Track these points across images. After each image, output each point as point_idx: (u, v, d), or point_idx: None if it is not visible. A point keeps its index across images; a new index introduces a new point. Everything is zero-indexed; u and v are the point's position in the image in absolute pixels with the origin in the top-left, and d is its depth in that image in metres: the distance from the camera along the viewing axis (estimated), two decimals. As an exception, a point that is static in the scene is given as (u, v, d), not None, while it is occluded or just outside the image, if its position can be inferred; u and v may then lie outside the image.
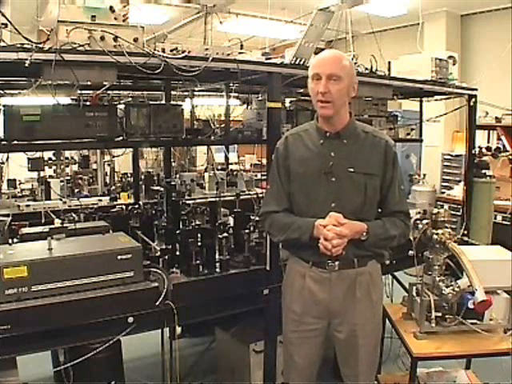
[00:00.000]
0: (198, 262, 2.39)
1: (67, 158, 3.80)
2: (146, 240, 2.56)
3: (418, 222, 2.58)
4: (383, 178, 1.97)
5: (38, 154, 2.96)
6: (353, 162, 1.93)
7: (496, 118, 5.87)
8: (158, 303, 2.14)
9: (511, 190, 5.11)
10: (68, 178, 4.06)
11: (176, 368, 2.47)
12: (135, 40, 2.07)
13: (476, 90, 3.70)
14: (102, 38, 1.98)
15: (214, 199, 3.42)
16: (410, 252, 2.55)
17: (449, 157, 6.68)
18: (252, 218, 2.91)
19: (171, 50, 2.21)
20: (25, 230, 2.46)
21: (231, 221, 3.04)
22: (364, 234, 1.89)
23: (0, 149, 2.29)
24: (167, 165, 3.79)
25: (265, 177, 3.36)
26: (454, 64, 3.65)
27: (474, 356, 2.57)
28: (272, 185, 2.09)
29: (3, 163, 3.44)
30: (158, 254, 2.40)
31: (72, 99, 2.68)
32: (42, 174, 3.80)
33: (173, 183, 3.43)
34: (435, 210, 2.62)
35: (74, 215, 2.83)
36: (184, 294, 2.26)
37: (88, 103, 2.40)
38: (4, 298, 1.89)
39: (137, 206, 3.12)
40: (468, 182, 3.80)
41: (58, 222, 2.68)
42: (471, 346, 2.34)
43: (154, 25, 3.73)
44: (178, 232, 2.59)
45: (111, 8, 2.04)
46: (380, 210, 2.02)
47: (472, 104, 3.68)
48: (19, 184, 4.18)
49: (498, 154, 5.33)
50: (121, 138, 2.34)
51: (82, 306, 1.99)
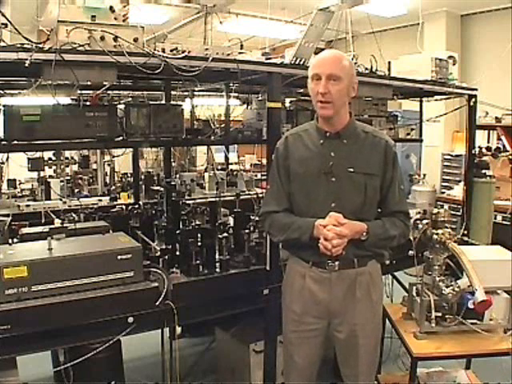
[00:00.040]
0: (198, 262, 2.39)
1: (67, 158, 3.80)
2: (146, 240, 2.56)
3: (418, 221, 2.58)
4: (383, 178, 1.97)
5: (38, 154, 2.96)
6: (353, 162, 1.93)
7: (496, 118, 5.87)
8: (158, 303, 2.14)
9: (511, 190, 5.11)
10: (68, 178, 4.06)
11: (176, 368, 2.47)
12: (135, 40, 2.07)
13: (476, 89, 3.71)
14: (102, 38, 1.98)
15: (214, 199, 3.42)
16: (410, 252, 2.55)
17: (449, 157, 6.68)
18: (252, 218, 2.91)
19: (171, 50, 2.21)
20: (25, 230, 2.46)
21: (231, 221, 3.03)
22: (364, 234, 1.89)
23: (0, 149, 2.29)
24: (167, 165, 3.79)
25: (265, 177, 3.36)
26: (454, 64, 3.65)
27: (473, 356, 2.57)
28: (272, 185, 2.09)
29: (3, 163, 3.44)
30: (158, 253, 2.40)
31: (72, 99, 2.68)
32: (42, 173, 3.80)
33: (173, 183, 3.43)
34: (435, 210, 2.62)
35: (74, 215, 2.83)
36: (184, 294, 2.26)
37: (88, 103, 2.40)
38: (4, 298, 1.88)
39: (137, 206, 3.12)
40: (468, 182, 3.80)
41: (58, 222, 2.67)
42: (471, 346, 2.34)
43: (153, 25, 3.73)
44: (178, 232, 2.59)
45: (111, 8, 2.04)
46: (380, 210, 2.02)
47: (472, 104, 3.68)
48: (19, 184, 4.18)
49: (498, 154, 5.33)
50: (121, 138, 2.34)
51: (82, 306, 1.99)
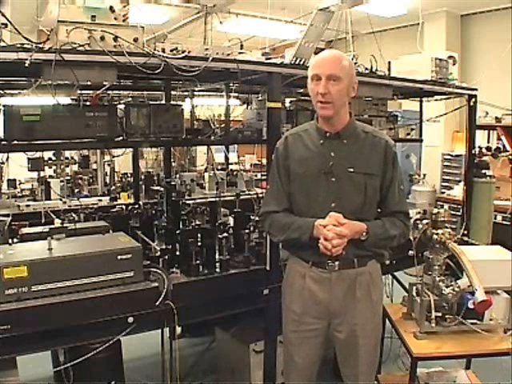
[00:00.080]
0: (198, 262, 2.39)
1: (67, 158, 3.80)
2: (146, 240, 2.56)
3: (418, 221, 2.58)
4: (383, 178, 1.97)
5: (38, 154, 2.96)
6: (353, 162, 1.93)
7: (496, 118, 5.87)
8: (158, 303, 2.14)
9: (511, 190, 5.11)
10: (68, 178, 4.06)
11: (176, 368, 2.47)
12: (135, 40, 2.07)
13: (476, 89, 3.71)
14: (102, 38, 1.98)
15: (214, 199, 3.41)
16: (410, 252, 2.54)
17: (449, 157, 6.68)
18: (252, 218, 2.91)
19: (171, 50, 2.21)
20: (25, 230, 2.46)
21: (231, 221, 3.03)
22: (364, 234, 1.89)
23: (0, 149, 2.29)
24: (167, 165, 3.78)
25: (265, 177, 3.36)
26: (454, 64, 3.65)
27: (473, 356, 2.57)
28: (272, 185, 2.09)
29: (3, 163, 3.44)
30: (158, 253, 2.40)
31: (72, 99, 2.68)
32: (42, 173, 3.80)
33: (173, 183, 3.43)
34: (435, 210, 2.62)
35: (74, 215, 2.83)
36: (184, 293, 2.26)
37: (88, 103, 2.40)
38: (4, 298, 1.88)
39: (137, 206, 3.11)
40: (468, 182, 3.80)
41: (58, 222, 2.68)
42: (471, 346, 2.34)
43: (154, 25, 3.73)
44: (178, 232, 2.59)
45: (111, 8, 2.04)
46: (380, 210, 2.02)
47: (472, 104, 3.68)
48: (19, 184, 4.18)
49: (498, 154, 5.33)
50: (121, 138, 2.34)
51: (82, 306, 1.99)
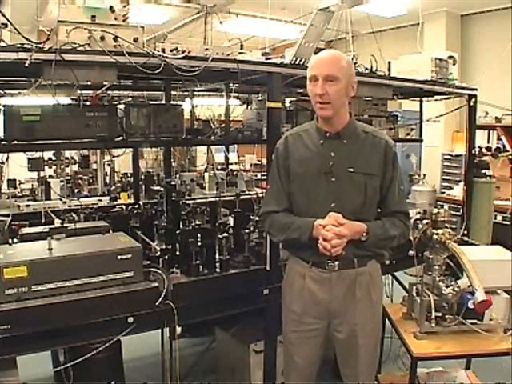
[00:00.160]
0: (198, 262, 2.39)
1: (67, 158, 3.80)
2: (146, 240, 2.56)
3: (418, 221, 2.58)
4: (383, 178, 1.96)
5: (38, 154, 2.96)
6: (353, 162, 1.93)
7: (496, 118, 5.87)
8: (158, 303, 2.14)
9: (511, 190, 5.11)
10: (68, 178, 4.05)
11: (176, 368, 2.47)
12: (135, 40, 2.07)
13: (476, 90, 3.71)
14: (102, 38, 1.98)
15: (214, 199, 3.41)
16: (410, 252, 2.55)
17: (449, 157, 6.68)
18: (252, 218, 2.91)
19: (171, 50, 2.21)
20: (25, 230, 2.46)
21: (231, 221, 3.03)
22: (364, 235, 1.89)
23: (0, 149, 2.29)
24: (167, 165, 3.78)
25: (265, 177, 3.36)
26: (454, 64, 3.65)
27: (473, 356, 2.57)
28: (272, 185, 2.09)
29: (3, 163, 3.44)
30: (158, 253, 2.40)
31: (72, 99, 2.68)
32: (42, 173, 3.80)
33: (173, 183, 3.43)
34: (435, 210, 2.62)
35: (74, 215, 2.83)
36: (184, 293, 2.26)
37: (88, 103, 2.40)
38: (4, 298, 1.88)
39: (137, 206, 3.11)
40: (468, 182, 3.80)
41: (58, 222, 2.67)
42: (471, 346, 2.34)
43: (154, 25, 3.73)
44: (178, 232, 2.59)
45: (111, 8, 2.04)
46: (380, 210, 2.02)
47: (472, 104, 3.68)
48: (19, 184, 4.18)
49: (498, 154, 5.33)
50: (121, 138, 2.34)
51: (82, 306, 1.99)
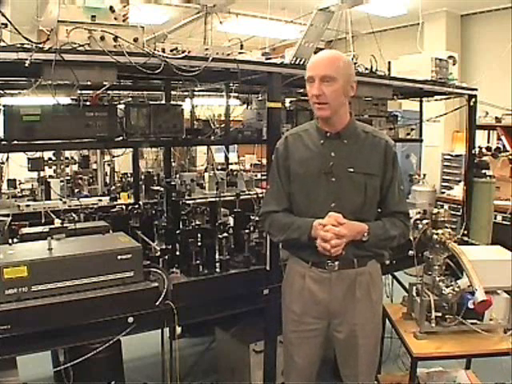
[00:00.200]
0: (198, 262, 2.39)
1: (67, 158, 3.80)
2: (146, 240, 2.56)
3: (418, 221, 2.58)
4: (383, 178, 1.96)
5: (38, 154, 2.96)
6: (353, 162, 1.93)
7: (496, 118, 5.87)
8: (158, 303, 2.14)
9: (511, 190, 5.11)
10: (68, 178, 4.06)
11: (176, 368, 2.47)
12: (135, 40, 2.07)
13: (476, 90, 3.71)
14: (102, 38, 1.98)
15: (214, 199, 3.41)
16: (410, 252, 2.54)
17: (449, 157, 6.68)
18: (252, 218, 2.91)
19: (171, 50, 2.21)
20: (25, 230, 2.46)
21: (231, 221, 3.03)
22: (365, 235, 1.89)
23: (0, 149, 2.29)
24: (167, 165, 3.78)
25: (265, 177, 3.36)
26: (454, 64, 3.65)
27: (473, 356, 2.57)
28: (272, 185, 2.09)
29: (3, 163, 3.44)
30: (158, 253, 2.40)
31: (72, 99, 2.68)
32: (42, 173, 3.80)
33: (173, 183, 3.43)
34: (435, 210, 2.62)
35: (74, 215, 2.83)
36: (184, 293, 2.26)
37: (88, 103, 2.40)
38: (4, 298, 1.88)
39: (137, 206, 3.11)
40: (468, 182, 3.80)
41: (58, 222, 2.67)
42: (471, 346, 2.34)
43: (154, 25, 3.73)
44: (178, 232, 2.59)
45: (111, 8, 2.04)
46: (380, 210, 2.02)
47: (472, 104, 3.68)
48: (19, 184, 4.18)
49: (498, 154, 5.33)
50: (121, 138, 2.34)
51: (82, 306, 1.99)
